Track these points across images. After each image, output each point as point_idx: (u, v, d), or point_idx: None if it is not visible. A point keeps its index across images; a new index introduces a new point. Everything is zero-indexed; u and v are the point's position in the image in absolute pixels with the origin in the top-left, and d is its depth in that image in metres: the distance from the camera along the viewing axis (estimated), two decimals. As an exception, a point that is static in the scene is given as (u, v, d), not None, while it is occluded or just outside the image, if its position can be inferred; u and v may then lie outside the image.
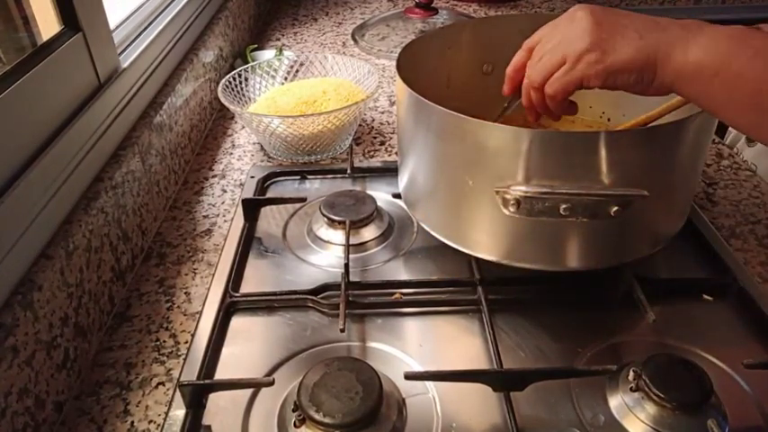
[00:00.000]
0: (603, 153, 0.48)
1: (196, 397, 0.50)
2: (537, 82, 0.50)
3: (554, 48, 0.49)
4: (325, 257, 0.66)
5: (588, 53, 0.46)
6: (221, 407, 0.50)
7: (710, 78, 0.42)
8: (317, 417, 0.45)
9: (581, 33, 0.46)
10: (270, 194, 0.78)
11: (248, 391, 0.51)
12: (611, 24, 0.46)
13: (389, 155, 0.85)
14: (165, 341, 0.57)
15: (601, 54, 0.45)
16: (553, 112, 0.53)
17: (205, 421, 0.49)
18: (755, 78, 0.40)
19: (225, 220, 0.73)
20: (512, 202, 0.50)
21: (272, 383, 0.49)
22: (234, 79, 0.86)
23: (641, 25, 0.45)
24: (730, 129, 1.08)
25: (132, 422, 0.50)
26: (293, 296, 0.60)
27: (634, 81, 0.45)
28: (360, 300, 0.59)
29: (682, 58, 0.43)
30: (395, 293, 0.60)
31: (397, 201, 0.70)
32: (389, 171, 0.78)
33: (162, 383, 0.53)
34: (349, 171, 0.78)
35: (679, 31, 0.44)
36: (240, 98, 0.86)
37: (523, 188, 0.49)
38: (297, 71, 0.94)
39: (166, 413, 0.50)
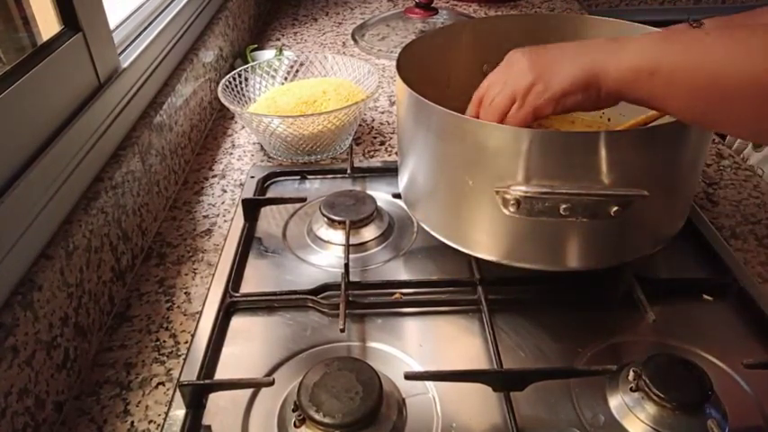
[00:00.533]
0: (603, 153, 0.48)
1: (196, 397, 0.50)
2: (490, 119, 0.53)
3: (502, 90, 0.52)
4: (325, 257, 0.66)
5: (534, 86, 0.49)
6: (221, 407, 0.50)
7: (649, 78, 0.44)
8: (317, 417, 0.45)
9: (523, 71, 0.50)
10: (270, 194, 0.78)
11: (248, 391, 0.51)
12: (546, 57, 0.50)
13: (389, 155, 0.86)
14: (165, 341, 0.57)
15: (545, 84, 0.49)
16: None
17: (205, 421, 0.49)
18: (690, 68, 0.42)
19: (225, 220, 0.73)
20: (512, 202, 0.50)
21: (272, 383, 0.49)
22: (234, 79, 0.86)
23: (573, 50, 0.49)
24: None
25: (132, 422, 0.50)
26: (293, 296, 0.60)
27: (582, 99, 0.48)
28: (360, 300, 0.59)
29: (617, 65, 0.46)
30: (395, 293, 0.60)
31: (397, 201, 0.70)
32: (389, 171, 0.78)
33: (162, 383, 0.53)
34: (349, 171, 0.78)
35: (610, 44, 0.47)
36: (240, 98, 0.86)
37: (523, 188, 0.49)
38: (297, 71, 0.94)
39: (166, 413, 0.50)
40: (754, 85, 0.39)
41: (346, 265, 0.60)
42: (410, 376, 0.49)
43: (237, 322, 0.59)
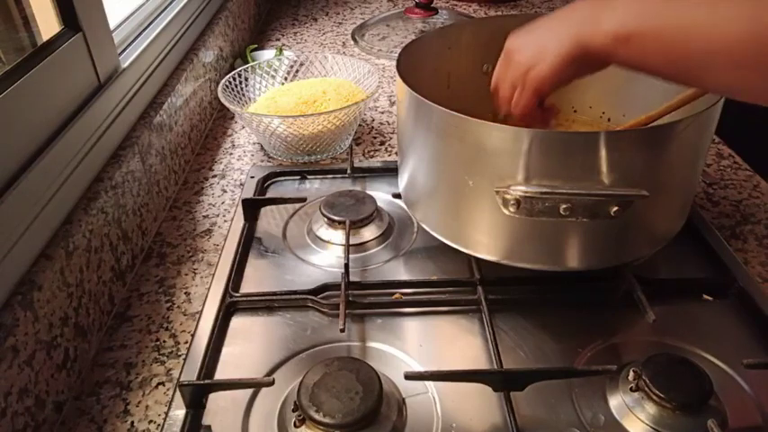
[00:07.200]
0: (603, 153, 0.48)
1: (196, 397, 0.50)
2: (505, 110, 0.56)
3: (504, 81, 0.55)
4: (325, 257, 0.66)
5: (528, 71, 0.51)
6: (221, 407, 0.50)
7: (625, 44, 0.43)
8: (317, 417, 0.45)
9: (516, 59, 0.52)
10: (270, 194, 0.78)
11: (248, 391, 0.51)
12: (530, 40, 0.52)
13: (389, 155, 0.85)
14: (165, 341, 0.57)
15: (536, 67, 0.50)
16: (539, 122, 0.57)
17: (205, 421, 0.49)
18: (659, 33, 0.42)
19: (225, 220, 0.73)
20: (512, 202, 0.50)
21: (272, 383, 0.49)
22: (234, 79, 0.86)
23: (559, 23, 0.49)
24: None
25: (132, 422, 0.50)
26: (293, 296, 0.60)
27: (576, 70, 0.49)
28: (360, 300, 0.59)
29: (597, 35, 0.45)
30: (395, 293, 0.60)
31: (397, 201, 0.70)
32: (389, 171, 0.78)
33: (162, 383, 0.53)
34: (349, 171, 0.78)
35: (594, 9, 0.46)
36: (240, 98, 0.86)
37: (523, 188, 0.49)
38: (297, 71, 0.94)
39: (166, 413, 0.50)
40: (720, 52, 0.38)
41: (346, 265, 0.60)
42: (410, 376, 0.49)
43: (237, 322, 0.59)
